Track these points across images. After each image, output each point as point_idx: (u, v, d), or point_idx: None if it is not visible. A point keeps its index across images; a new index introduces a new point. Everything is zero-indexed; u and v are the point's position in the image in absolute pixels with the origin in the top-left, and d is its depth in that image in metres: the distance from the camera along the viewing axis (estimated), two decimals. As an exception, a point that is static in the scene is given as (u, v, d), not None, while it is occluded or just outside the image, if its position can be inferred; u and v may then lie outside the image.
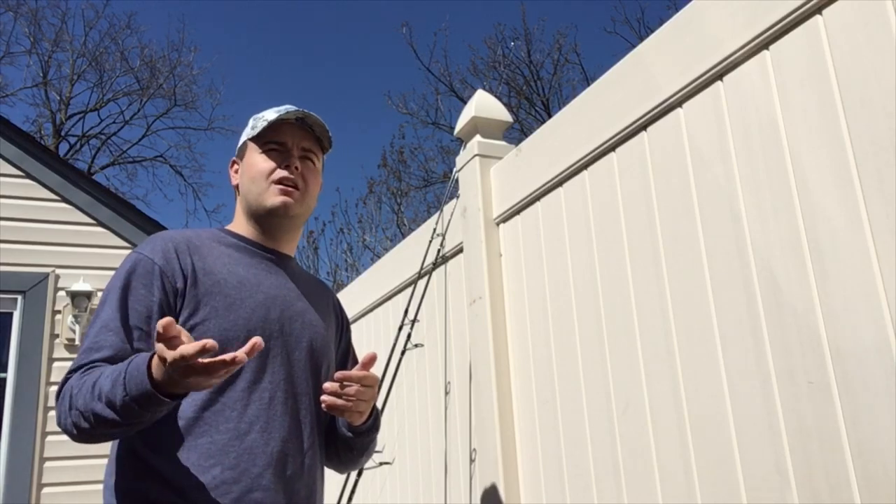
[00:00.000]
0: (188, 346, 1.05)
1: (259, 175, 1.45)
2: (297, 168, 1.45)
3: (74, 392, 1.21)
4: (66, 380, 1.25)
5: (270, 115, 1.48)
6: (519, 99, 15.03)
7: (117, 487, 1.28)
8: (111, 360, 1.24)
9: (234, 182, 1.54)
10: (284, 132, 1.47)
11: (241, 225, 1.50)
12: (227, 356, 1.07)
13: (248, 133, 1.51)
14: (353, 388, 1.30)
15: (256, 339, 1.12)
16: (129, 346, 1.27)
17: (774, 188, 1.35)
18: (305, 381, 1.44)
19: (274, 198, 1.44)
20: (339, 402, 1.30)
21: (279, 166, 1.45)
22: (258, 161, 1.46)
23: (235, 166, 1.55)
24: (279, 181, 1.44)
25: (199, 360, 1.06)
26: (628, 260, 1.70)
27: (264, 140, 1.47)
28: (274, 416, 1.35)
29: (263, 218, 1.46)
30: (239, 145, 1.56)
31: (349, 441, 1.49)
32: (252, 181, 1.46)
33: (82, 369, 1.24)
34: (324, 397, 1.30)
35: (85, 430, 1.20)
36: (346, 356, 1.68)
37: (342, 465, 1.57)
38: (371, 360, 1.32)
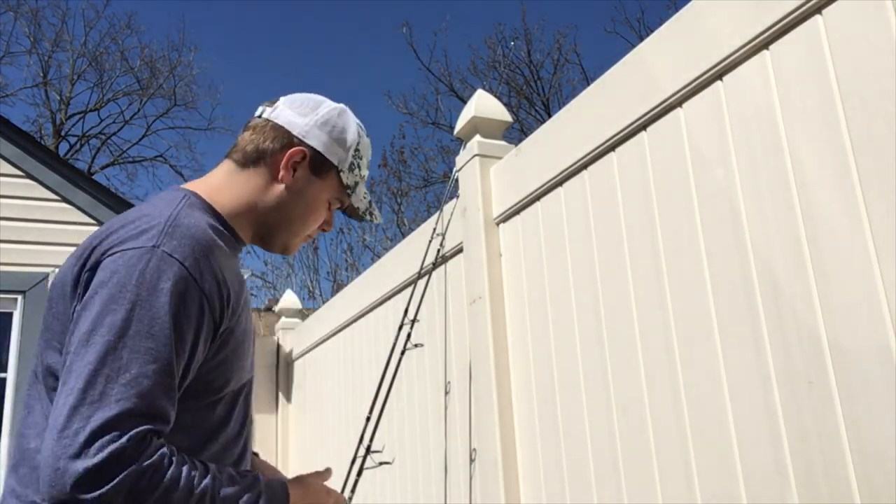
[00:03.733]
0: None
1: (308, 216, 1.25)
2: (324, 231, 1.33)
3: (187, 490, 0.96)
4: (125, 453, 0.92)
5: (365, 166, 1.32)
6: (519, 99, 15.03)
7: None
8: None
9: (282, 177, 1.22)
10: (353, 207, 1.33)
11: (232, 203, 1.21)
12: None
13: (346, 162, 1.26)
14: None
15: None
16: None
17: (774, 188, 1.35)
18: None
19: (295, 246, 1.30)
20: None
21: (322, 223, 1.30)
22: (320, 206, 1.26)
23: (301, 161, 1.23)
24: (310, 235, 1.30)
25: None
26: (628, 260, 1.70)
27: (345, 192, 1.28)
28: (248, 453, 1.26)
29: (264, 238, 1.26)
30: (326, 152, 1.25)
31: None
32: (298, 213, 1.24)
33: (157, 437, 0.97)
34: None
35: None
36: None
37: None
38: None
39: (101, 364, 0.95)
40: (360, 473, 2.13)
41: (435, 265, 2.54)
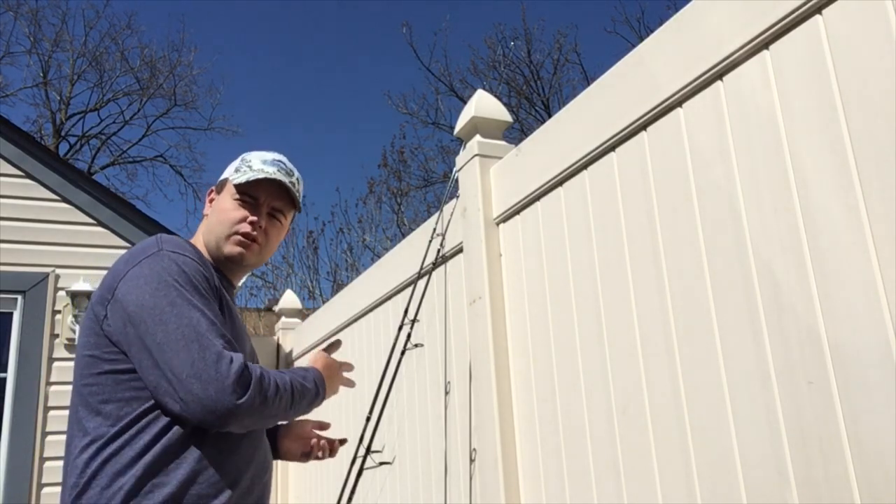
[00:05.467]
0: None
1: (226, 221, 1.53)
2: (261, 226, 1.54)
3: (282, 380, 1.39)
4: (245, 367, 1.30)
5: (256, 163, 1.56)
6: (519, 99, 15.03)
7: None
8: None
9: (206, 211, 1.61)
10: (261, 188, 1.55)
11: (202, 251, 1.56)
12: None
13: (231, 174, 1.57)
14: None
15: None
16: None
17: (774, 188, 1.35)
18: None
19: (232, 247, 1.52)
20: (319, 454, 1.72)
21: (246, 219, 1.53)
22: (229, 207, 1.54)
23: (212, 195, 1.61)
24: (242, 233, 1.52)
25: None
26: (628, 260, 1.70)
27: (241, 189, 1.54)
28: (257, 443, 1.48)
29: (219, 259, 1.54)
30: (221, 178, 1.61)
31: None
32: (219, 223, 1.54)
33: (246, 364, 1.33)
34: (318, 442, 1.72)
35: (287, 403, 1.39)
36: None
37: None
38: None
39: (184, 326, 1.29)
40: (360, 473, 2.13)
41: (435, 265, 2.54)
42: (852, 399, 1.19)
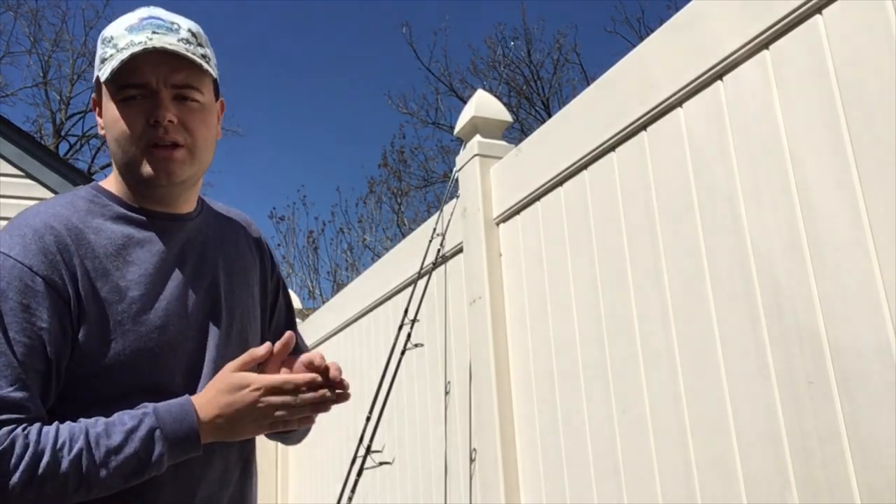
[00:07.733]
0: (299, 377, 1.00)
1: (124, 137, 1.07)
2: (172, 120, 1.06)
3: (56, 456, 0.93)
4: None
5: (121, 39, 1.06)
6: (519, 99, 15.02)
7: None
8: (28, 423, 0.96)
9: (100, 131, 1.14)
10: (144, 67, 1.05)
11: (119, 185, 1.13)
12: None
13: (98, 67, 1.10)
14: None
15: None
16: (38, 396, 0.99)
17: (774, 188, 1.35)
18: None
19: (149, 168, 1.07)
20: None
21: (147, 122, 1.05)
22: (118, 116, 1.07)
23: (98, 109, 1.14)
24: (152, 145, 1.06)
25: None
26: (628, 260, 1.70)
27: (119, 82, 1.06)
28: None
29: (142, 187, 1.11)
30: (94, 79, 1.13)
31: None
32: (116, 142, 1.08)
33: (6, 425, 0.93)
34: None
35: (56, 496, 0.93)
36: (276, 303, 1.35)
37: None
38: (288, 341, 1.07)
39: None
40: (360, 473, 2.13)
41: (435, 265, 2.54)
42: (852, 399, 1.19)
